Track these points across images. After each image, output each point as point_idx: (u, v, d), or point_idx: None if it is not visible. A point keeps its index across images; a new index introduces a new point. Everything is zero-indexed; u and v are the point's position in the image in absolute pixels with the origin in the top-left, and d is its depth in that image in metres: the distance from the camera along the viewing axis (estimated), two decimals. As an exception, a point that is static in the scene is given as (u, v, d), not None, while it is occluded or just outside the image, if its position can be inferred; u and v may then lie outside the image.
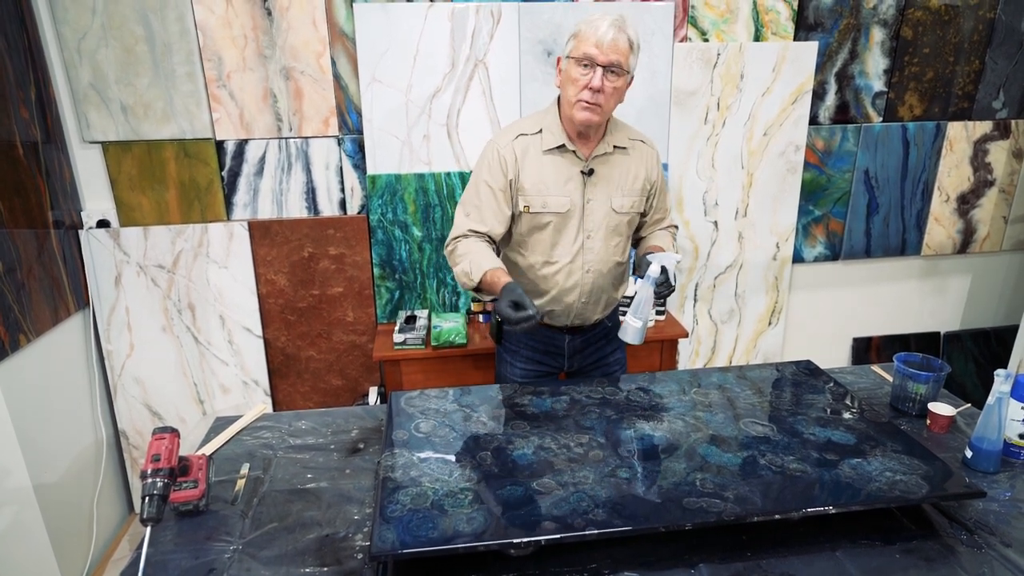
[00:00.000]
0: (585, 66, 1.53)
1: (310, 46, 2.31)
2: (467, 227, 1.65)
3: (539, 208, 1.64)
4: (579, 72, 1.54)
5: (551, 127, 1.65)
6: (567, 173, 1.64)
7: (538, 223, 1.66)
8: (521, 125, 1.69)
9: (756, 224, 2.79)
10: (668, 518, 1.10)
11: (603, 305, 1.80)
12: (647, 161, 1.73)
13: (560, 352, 1.82)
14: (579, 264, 1.69)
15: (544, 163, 1.64)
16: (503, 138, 1.67)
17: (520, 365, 1.82)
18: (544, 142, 1.64)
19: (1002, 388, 1.31)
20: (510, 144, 1.64)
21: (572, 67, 1.56)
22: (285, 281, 2.53)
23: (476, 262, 1.57)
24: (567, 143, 1.63)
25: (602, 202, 1.67)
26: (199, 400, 2.54)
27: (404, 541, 1.05)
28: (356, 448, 1.48)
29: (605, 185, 1.67)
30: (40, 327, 2.03)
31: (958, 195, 2.93)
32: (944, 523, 1.20)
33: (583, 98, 1.55)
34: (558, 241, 1.68)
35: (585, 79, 1.53)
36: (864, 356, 3.12)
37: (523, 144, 1.65)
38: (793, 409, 1.48)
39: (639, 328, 1.57)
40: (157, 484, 1.06)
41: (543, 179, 1.64)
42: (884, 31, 2.64)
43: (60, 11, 2.13)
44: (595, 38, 1.51)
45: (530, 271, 1.72)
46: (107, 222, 2.35)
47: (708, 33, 2.54)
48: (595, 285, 1.73)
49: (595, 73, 1.52)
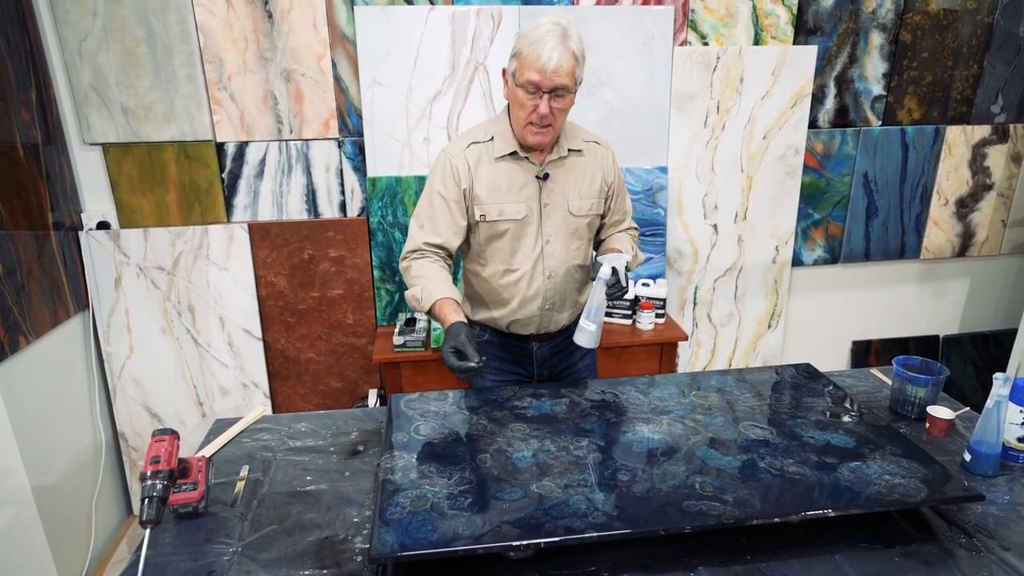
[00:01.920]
0: (530, 92, 1.49)
1: (311, 48, 2.32)
2: (422, 240, 1.61)
3: (496, 216, 1.61)
4: (525, 97, 1.50)
5: (503, 134, 1.61)
6: (522, 179, 1.61)
7: (496, 231, 1.63)
8: (473, 133, 1.65)
9: (756, 227, 2.79)
10: (667, 521, 1.10)
11: (568, 310, 1.77)
12: (603, 162, 1.70)
13: (529, 360, 1.80)
14: (540, 270, 1.67)
15: (498, 170, 1.60)
16: (455, 147, 1.62)
17: (490, 376, 1.79)
18: (496, 149, 1.60)
19: (1001, 391, 1.31)
20: (462, 153, 1.60)
21: (517, 90, 1.51)
22: (285, 283, 2.53)
23: (428, 289, 1.54)
24: (519, 150, 1.60)
25: (559, 206, 1.65)
26: (198, 402, 2.54)
27: (404, 543, 1.05)
28: (356, 450, 1.48)
29: (561, 189, 1.64)
30: (40, 329, 2.03)
31: (957, 199, 2.94)
32: (943, 526, 1.20)
33: (532, 121, 1.52)
34: (517, 248, 1.65)
35: (531, 104, 1.49)
36: (863, 359, 3.12)
37: (475, 152, 1.61)
38: (792, 412, 1.48)
39: (593, 332, 1.56)
40: (156, 486, 1.06)
41: (497, 186, 1.60)
42: (883, 35, 2.65)
43: (61, 13, 2.14)
44: (538, 64, 1.45)
45: (492, 280, 1.69)
46: (107, 224, 2.36)
47: (708, 37, 2.54)
48: (557, 290, 1.70)
49: (541, 101, 1.48)
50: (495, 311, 1.73)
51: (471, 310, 1.79)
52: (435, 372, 2.37)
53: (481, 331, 1.77)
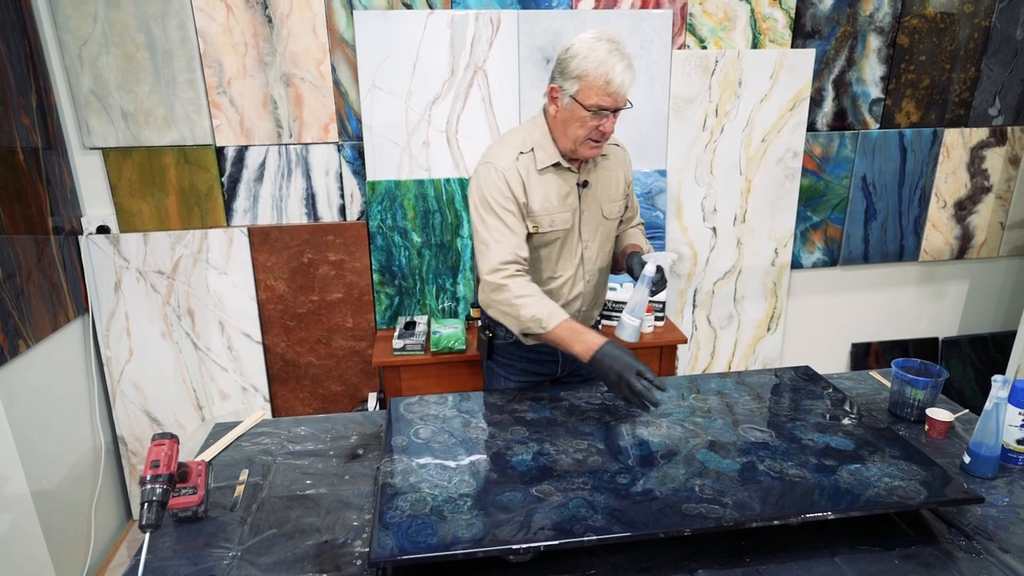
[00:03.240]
0: (596, 113, 1.48)
1: (310, 53, 2.33)
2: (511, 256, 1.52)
3: (547, 227, 1.61)
4: (589, 117, 1.49)
5: (542, 144, 1.59)
6: (566, 188, 1.62)
7: (544, 242, 1.64)
8: (513, 143, 1.61)
9: (755, 230, 2.79)
10: (667, 524, 1.10)
11: (598, 308, 1.84)
12: (623, 164, 1.75)
13: (554, 360, 1.81)
14: (580, 275, 1.70)
15: (545, 182, 1.59)
16: (503, 159, 1.57)
17: (515, 377, 1.80)
18: (539, 160, 1.58)
19: (1000, 393, 1.31)
20: (513, 165, 1.56)
21: (579, 110, 1.49)
22: (284, 287, 2.53)
23: (548, 309, 1.49)
24: (562, 160, 1.59)
25: (594, 211, 1.68)
26: (198, 406, 2.54)
27: (403, 547, 1.05)
28: (355, 454, 1.48)
29: (595, 194, 1.67)
30: (39, 333, 2.03)
31: (955, 201, 2.94)
32: (943, 529, 1.20)
33: (593, 138, 1.52)
34: (561, 256, 1.67)
35: (595, 123, 1.49)
36: (863, 362, 3.12)
37: (524, 164, 1.58)
38: (792, 415, 1.48)
39: (637, 326, 1.59)
40: (156, 490, 1.06)
41: (548, 198, 1.59)
42: (881, 39, 2.65)
43: (61, 18, 2.14)
44: (610, 88, 1.45)
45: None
46: (107, 228, 2.36)
47: (706, 40, 2.55)
48: (592, 292, 1.76)
49: (607, 120, 1.49)
50: None
51: None
52: (434, 376, 2.37)
53: (508, 333, 1.74)
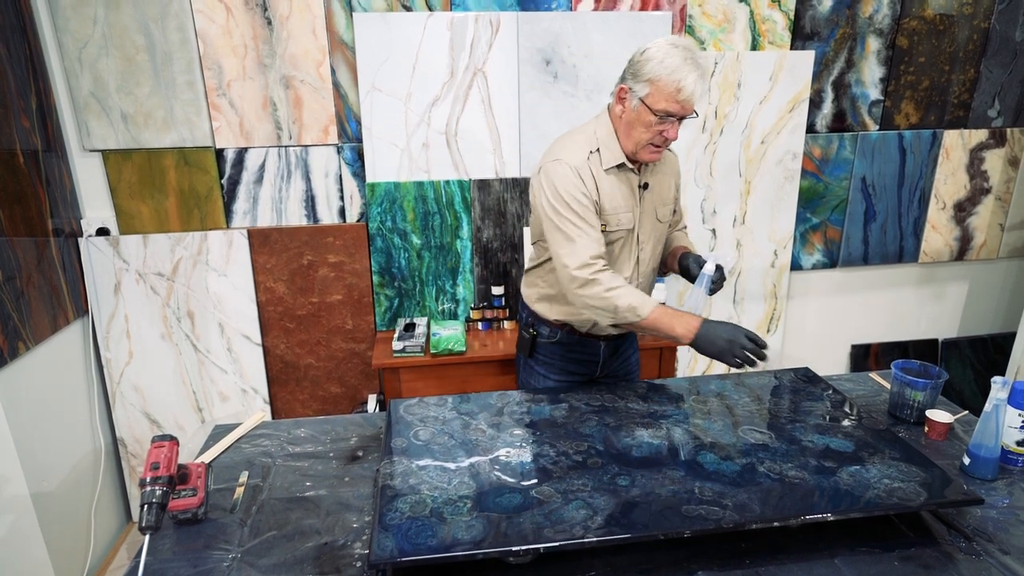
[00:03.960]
0: (662, 118, 1.48)
1: (310, 55, 2.33)
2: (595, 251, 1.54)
3: (614, 227, 1.62)
4: (655, 122, 1.49)
5: (608, 145, 1.59)
6: (628, 189, 1.63)
7: (608, 241, 1.63)
8: (581, 143, 1.60)
9: (754, 232, 2.80)
10: (667, 525, 1.10)
11: None
12: (674, 168, 1.77)
13: (595, 360, 1.81)
14: (635, 275, 1.71)
15: (611, 182, 1.60)
16: (575, 157, 1.57)
17: (555, 376, 1.80)
18: (604, 160, 1.59)
19: (999, 395, 1.31)
20: (586, 164, 1.57)
21: (647, 114, 1.49)
22: (284, 289, 2.53)
23: (640, 297, 1.52)
24: (626, 162, 1.60)
25: (650, 214, 1.68)
26: (198, 408, 2.54)
27: (403, 549, 1.05)
28: (355, 456, 1.48)
29: (652, 197, 1.68)
30: (39, 335, 2.03)
31: (955, 203, 2.95)
32: (942, 530, 1.20)
33: (656, 143, 1.53)
34: (620, 256, 1.67)
35: (660, 128, 1.50)
36: (862, 363, 3.12)
37: (594, 163, 1.58)
38: (791, 416, 1.48)
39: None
40: (156, 492, 1.06)
41: (614, 197, 1.60)
42: (880, 40, 2.66)
43: (61, 20, 2.14)
44: (681, 96, 1.45)
45: None
46: (107, 230, 2.36)
47: (706, 42, 2.55)
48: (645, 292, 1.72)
49: (673, 127, 1.50)
50: (580, 314, 1.69)
51: (549, 310, 1.76)
52: (434, 377, 2.37)
53: (553, 332, 1.77)
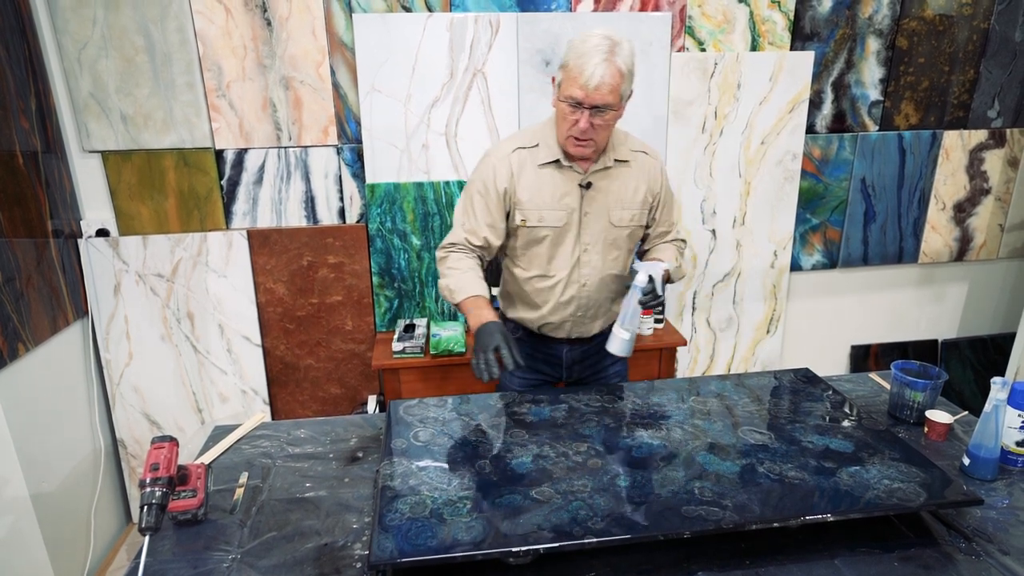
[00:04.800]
0: (572, 107, 1.48)
1: (309, 56, 2.33)
2: (463, 236, 1.64)
3: (535, 222, 1.63)
4: (567, 110, 1.49)
5: (548, 141, 1.62)
6: (564, 187, 1.62)
7: (535, 237, 1.65)
8: (519, 138, 1.66)
9: (754, 232, 2.80)
10: (667, 526, 1.10)
11: (601, 318, 1.78)
12: (649, 173, 1.69)
13: (558, 362, 1.82)
14: (575, 278, 1.68)
15: (541, 177, 1.61)
16: (500, 150, 1.64)
17: (518, 375, 1.81)
18: (541, 156, 1.61)
19: (999, 395, 1.31)
20: (507, 157, 1.62)
21: (560, 102, 1.51)
22: (284, 290, 2.53)
23: (463, 282, 1.57)
24: (562, 159, 1.60)
25: (599, 216, 1.65)
26: (198, 409, 2.54)
27: (403, 550, 1.05)
28: (355, 457, 1.48)
29: (603, 198, 1.64)
30: (39, 336, 2.03)
31: (954, 203, 2.95)
32: (942, 531, 1.20)
33: (573, 135, 1.52)
34: (555, 255, 1.66)
35: (572, 119, 1.49)
36: (862, 364, 3.12)
37: (520, 157, 1.62)
38: (791, 417, 1.48)
39: (626, 340, 1.55)
40: (155, 493, 1.06)
41: (540, 193, 1.61)
42: (880, 41, 2.66)
43: (61, 22, 2.15)
44: (580, 80, 1.44)
45: (527, 284, 1.71)
46: (106, 231, 2.36)
47: (705, 43, 2.56)
48: (591, 298, 1.71)
49: (582, 116, 1.47)
50: (528, 312, 1.75)
51: (506, 306, 1.82)
52: (434, 378, 2.37)
53: (515, 328, 1.79)
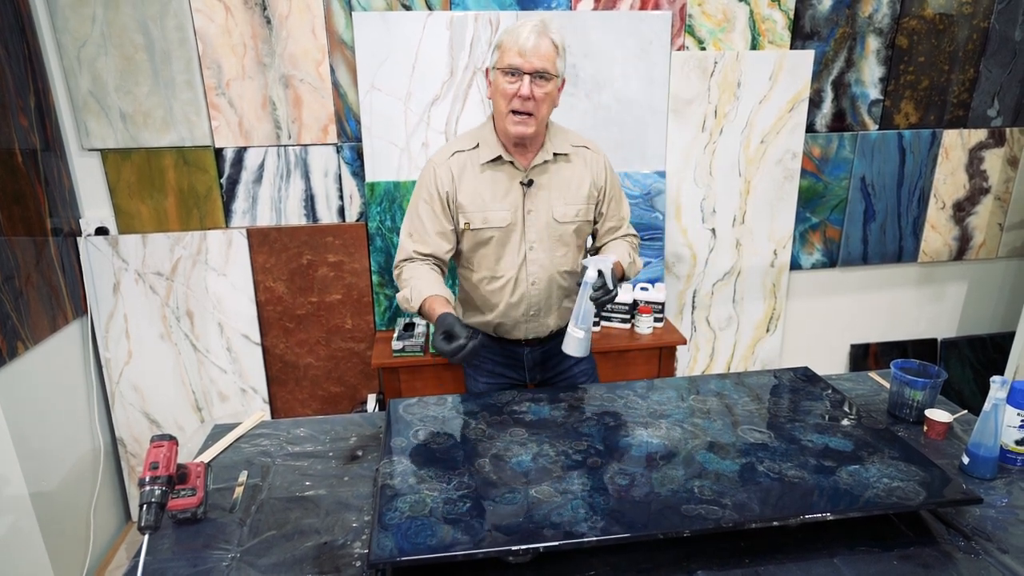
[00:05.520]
0: (512, 75, 1.51)
1: (309, 54, 2.33)
2: (412, 249, 1.63)
3: (480, 224, 1.62)
4: (506, 82, 1.52)
5: (487, 140, 1.62)
6: (506, 186, 1.62)
7: (480, 239, 1.64)
8: (458, 142, 1.67)
9: (754, 231, 2.80)
10: (666, 525, 1.10)
11: (555, 317, 1.76)
12: (592, 167, 1.69)
13: (520, 364, 1.81)
14: (523, 277, 1.67)
15: (482, 178, 1.62)
16: (439, 156, 1.65)
17: (483, 380, 1.80)
18: (481, 156, 1.61)
19: (998, 394, 1.31)
20: (446, 162, 1.62)
21: (499, 78, 1.54)
22: (284, 288, 2.53)
23: (417, 288, 1.56)
24: (504, 154, 1.60)
25: (543, 212, 1.64)
26: (197, 407, 2.54)
27: (403, 548, 1.05)
28: (354, 455, 1.48)
29: (546, 194, 1.64)
30: (38, 335, 2.03)
31: (954, 202, 2.95)
32: (942, 529, 1.20)
33: (514, 107, 1.53)
34: (502, 255, 1.66)
35: (513, 88, 1.51)
36: (862, 363, 3.12)
37: (459, 161, 1.62)
38: (791, 416, 1.48)
39: (581, 339, 1.52)
40: (155, 492, 1.06)
41: (481, 195, 1.61)
42: (879, 40, 2.66)
43: (60, 20, 2.14)
44: (517, 46, 1.49)
45: (479, 286, 1.70)
46: (106, 229, 2.36)
47: (705, 42, 2.55)
48: (542, 297, 1.70)
49: (523, 81, 1.50)
50: (482, 316, 1.75)
51: (463, 313, 1.81)
52: (434, 377, 2.37)
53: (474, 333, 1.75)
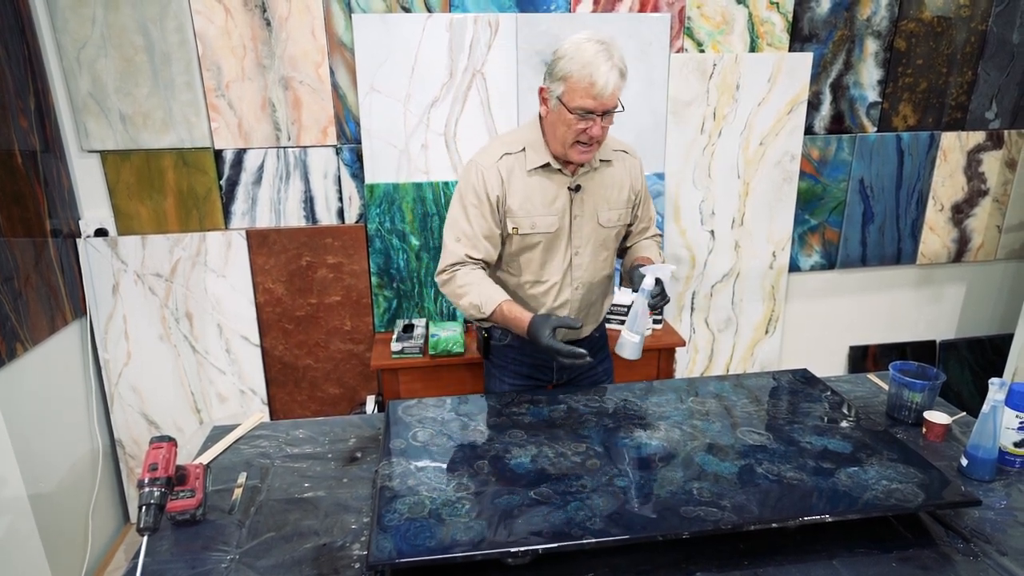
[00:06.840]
0: (582, 116, 1.46)
1: (309, 56, 2.33)
2: (463, 253, 1.59)
3: (528, 229, 1.61)
4: (575, 120, 1.47)
5: (535, 146, 1.59)
6: (554, 192, 1.60)
7: (528, 244, 1.63)
8: (503, 143, 1.62)
9: (752, 233, 2.80)
10: (665, 527, 1.10)
11: (592, 320, 1.78)
12: (631, 171, 1.71)
13: (549, 366, 1.80)
14: (568, 281, 1.68)
15: (530, 183, 1.59)
16: (486, 158, 1.60)
17: (508, 380, 1.79)
18: (528, 161, 1.59)
19: (997, 396, 1.32)
20: (495, 165, 1.58)
21: (566, 114, 1.47)
22: (283, 290, 2.53)
23: (487, 294, 1.54)
24: (552, 162, 1.59)
25: (589, 218, 1.65)
26: (196, 409, 2.54)
27: (401, 550, 1.05)
28: (353, 457, 1.48)
29: (592, 200, 1.64)
30: (37, 336, 2.03)
31: (952, 204, 2.95)
32: (940, 531, 1.21)
33: (581, 140, 1.50)
34: (547, 260, 1.65)
35: (582, 127, 1.47)
36: (860, 364, 3.13)
37: (508, 164, 1.58)
38: (790, 418, 1.48)
39: (636, 343, 1.55)
40: (154, 493, 1.06)
41: (531, 199, 1.59)
42: (878, 42, 2.66)
43: (60, 21, 2.14)
44: (594, 91, 1.43)
45: (520, 289, 1.69)
46: (105, 231, 2.36)
47: (704, 44, 2.56)
48: (584, 300, 1.72)
49: (595, 123, 1.47)
50: None
51: None
52: (433, 378, 2.37)
53: (503, 334, 1.75)
